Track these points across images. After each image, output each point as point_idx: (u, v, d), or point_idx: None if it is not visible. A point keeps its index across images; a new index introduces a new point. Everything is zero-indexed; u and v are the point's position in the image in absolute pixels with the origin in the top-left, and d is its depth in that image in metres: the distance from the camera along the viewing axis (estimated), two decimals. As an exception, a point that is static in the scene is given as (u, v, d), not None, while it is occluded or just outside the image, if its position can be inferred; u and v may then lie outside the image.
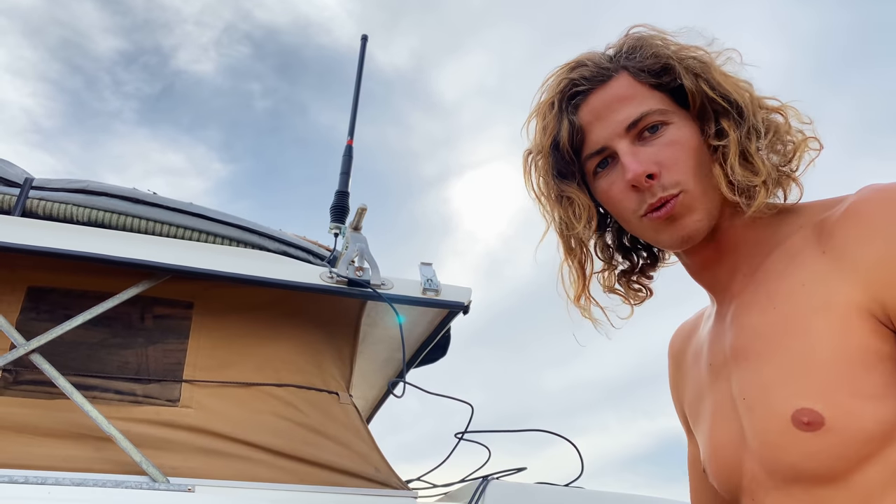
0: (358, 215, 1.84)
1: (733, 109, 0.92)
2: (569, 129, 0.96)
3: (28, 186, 1.90)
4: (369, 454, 1.73)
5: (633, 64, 0.95)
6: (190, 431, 1.60)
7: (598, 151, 0.95)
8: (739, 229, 0.95)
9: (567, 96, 0.97)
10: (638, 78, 0.94)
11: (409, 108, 9.43)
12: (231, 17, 8.50)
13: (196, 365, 1.67)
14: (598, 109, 0.95)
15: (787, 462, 0.82)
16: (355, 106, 2.06)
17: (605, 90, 0.95)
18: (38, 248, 1.56)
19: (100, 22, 7.83)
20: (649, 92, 0.94)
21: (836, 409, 0.77)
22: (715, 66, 0.94)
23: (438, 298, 1.78)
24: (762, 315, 0.88)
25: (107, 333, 1.66)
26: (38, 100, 8.23)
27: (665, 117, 0.93)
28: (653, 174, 0.90)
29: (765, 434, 0.84)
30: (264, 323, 1.77)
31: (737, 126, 0.91)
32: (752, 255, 0.94)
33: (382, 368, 2.31)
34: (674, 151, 0.91)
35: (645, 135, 0.93)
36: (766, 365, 0.85)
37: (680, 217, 0.91)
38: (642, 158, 0.91)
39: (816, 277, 0.82)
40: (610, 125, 0.93)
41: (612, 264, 1.08)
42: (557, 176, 1.01)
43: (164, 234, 1.86)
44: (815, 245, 0.85)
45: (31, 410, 1.52)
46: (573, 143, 0.97)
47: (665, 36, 0.98)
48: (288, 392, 1.70)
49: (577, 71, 0.97)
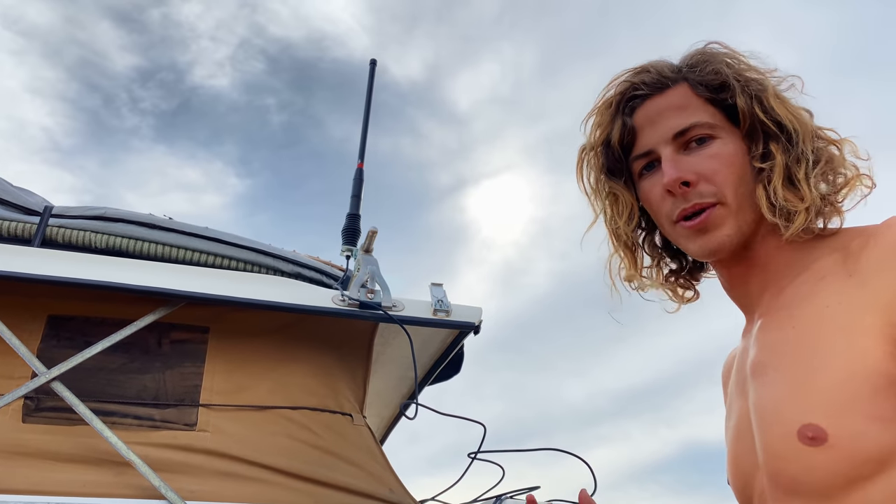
0: (369, 238, 1.86)
1: (783, 134, 0.94)
2: (621, 130, 1.01)
3: (48, 215, 1.95)
4: (383, 475, 1.75)
5: (694, 76, 0.99)
6: (207, 455, 1.63)
7: (645, 154, 1.00)
8: (772, 250, 0.97)
9: (626, 98, 1.02)
10: (696, 90, 0.98)
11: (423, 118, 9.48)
12: (246, 33, 8.61)
13: (212, 389, 1.70)
14: (652, 115, 0.99)
15: (788, 474, 0.83)
16: (365, 129, 2.09)
17: (662, 97, 0.99)
18: (58, 279, 1.60)
19: (117, 40, 7.97)
20: (704, 105, 0.97)
21: (841, 427, 0.78)
22: (772, 90, 0.97)
23: (449, 319, 1.80)
24: (781, 332, 0.90)
25: (125, 359, 1.69)
26: (56, 119, 8.38)
27: (713, 131, 0.96)
28: (689, 182, 0.93)
29: (771, 446, 0.86)
30: (278, 346, 1.80)
31: (785, 151, 0.93)
32: (781, 275, 0.95)
33: (397, 387, 2.33)
34: (715, 164, 0.94)
35: (691, 145, 0.96)
36: (779, 380, 0.87)
37: (711, 229, 0.94)
38: (682, 166, 0.94)
39: (840, 299, 0.84)
40: (659, 131, 0.98)
41: (661, 263, 1.12)
42: (607, 173, 1.06)
43: (181, 258, 1.90)
44: (842, 268, 0.87)
45: (53, 437, 1.56)
46: (623, 143, 1.02)
47: (734, 55, 1.01)
48: (302, 415, 1.73)
49: (640, 76, 1.02)
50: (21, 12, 7.07)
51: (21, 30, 7.22)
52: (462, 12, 8.99)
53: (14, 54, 7.41)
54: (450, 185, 10.30)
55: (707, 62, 0.99)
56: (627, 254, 1.10)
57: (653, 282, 1.11)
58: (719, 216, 0.93)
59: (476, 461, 1.81)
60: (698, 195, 0.94)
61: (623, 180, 1.05)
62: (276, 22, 8.66)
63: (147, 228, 1.96)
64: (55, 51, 7.84)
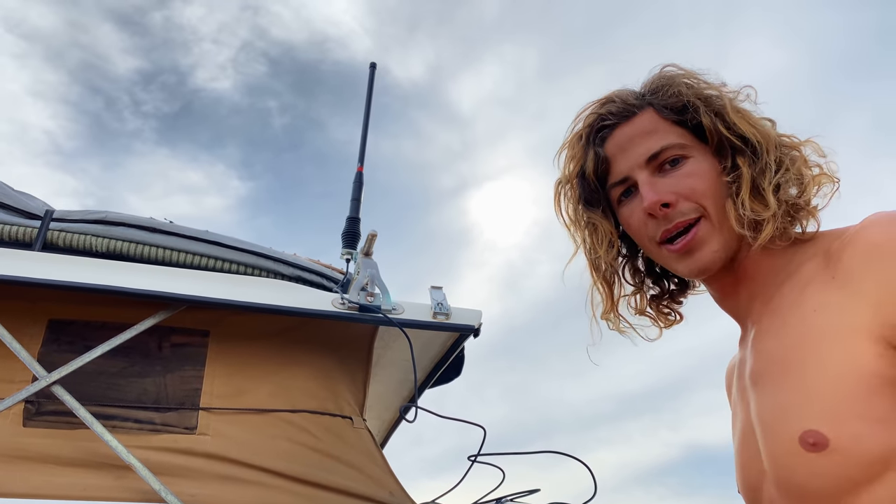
0: (368, 241, 1.87)
1: (748, 147, 0.96)
2: (594, 160, 1.03)
3: (49, 219, 1.96)
4: (383, 478, 1.75)
5: (658, 101, 1.01)
6: (207, 458, 1.63)
7: (621, 181, 1.02)
8: (756, 260, 0.98)
9: (595, 129, 1.04)
10: (662, 114, 1.00)
11: (426, 120, 9.50)
12: (248, 36, 8.63)
13: (212, 393, 1.70)
14: (622, 142, 1.01)
15: (795, 482, 0.84)
16: (365, 133, 2.09)
17: (630, 125, 1.01)
18: (59, 283, 1.61)
19: (119, 43, 8.00)
20: (671, 127, 0.99)
21: (841, 432, 0.79)
22: (731, 105, 0.99)
23: (449, 322, 1.80)
24: (776, 340, 0.90)
25: (125, 363, 1.70)
26: (59, 122, 8.42)
27: (684, 151, 0.98)
28: (669, 203, 0.95)
29: (776, 455, 0.87)
30: (278, 349, 1.80)
31: (751, 163, 0.95)
32: (767, 283, 0.97)
33: (398, 390, 2.33)
34: (691, 182, 0.96)
35: (665, 167, 0.98)
36: (779, 389, 0.87)
37: (697, 249, 0.96)
38: (659, 188, 0.96)
39: (827, 302, 0.85)
40: (632, 157, 0.99)
41: (643, 288, 1.13)
42: (585, 204, 1.08)
43: (182, 262, 1.91)
44: (824, 271, 0.88)
45: (53, 441, 1.57)
46: (598, 173, 1.04)
47: (692, 75, 1.03)
48: (302, 418, 1.73)
49: (606, 107, 1.04)
50: (23, 16, 7.10)
51: (23, 33, 7.25)
52: (463, 14, 9.01)
53: (16, 57, 7.45)
54: (452, 187, 10.32)
55: (667, 86, 1.02)
56: (605, 287, 1.11)
57: (635, 310, 1.12)
58: (705, 233, 0.95)
59: (477, 464, 1.81)
60: (680, 214, 0.95)
61: (601, 209, 1.07)
62: (278, 25, 8.69)
63: (148, 232, 1.96)
64: (57, 54, 7.87)
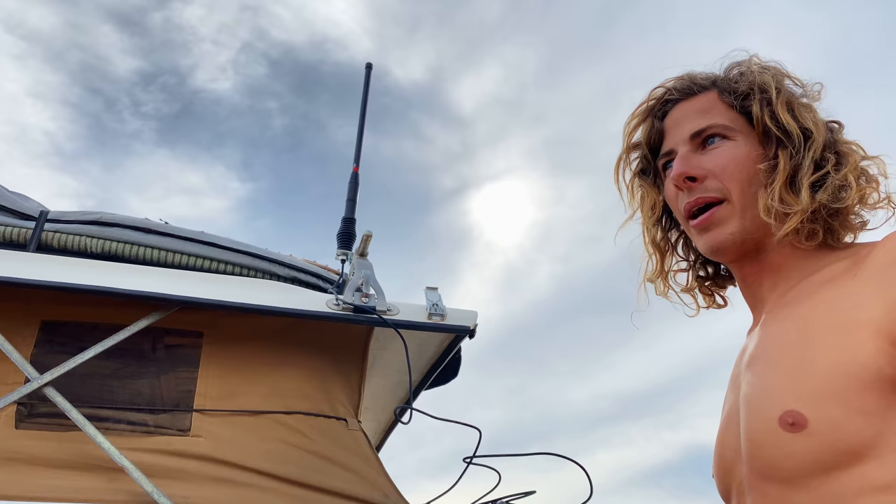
0: (363, 242, 1.86)
1: (791, 142, 0.96)
2: (649, 131, 1.08)
3: (43, 219, 1.95)
4: (378, 480, 1.74)
5: (722, 84, 1.04)
6: (201, 461, 1.62)
7: (666, 153, 1.06)
8: (784, 254, 0.99)
9: (660, 103, 1.09)
10: (722, 97, 1.03)
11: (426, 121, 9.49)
12: (248, 37, 8.63)
13: (206, 394, 1.70)
14: (678, 118, 1.06)
15: (766, 459, 0.85)
16: (360, 133, 2.08)
17: (690, 102, 1.06)
18: (52, 284, 1.60)
19: (119, 43, 8.00)
20: (726, 111, 1.02)
21: (822, 416, 0.79)
22: (785, 98, 0.99)
23: (444, 323, 1.79)
24: (779, 325, 0.92)
25: (118, 365, 1.69)
26: (59, 123, 8.41)
27: (729, 133, 1.00)
28: (695, 177, 0.98)
29: (753, 433, 0.88)
30: (272, 351, 1.79)
31: (790, 156, 0.96)
32: (791, 277, 0.98)
33: (394, 392, 2.32)
34: (724, 162, 0.98)
35: (705, 145, 1.01)
36: (770, 371, 0.89)
37: (714, 227, 0.98)
38: (690, 163, 1.00)
39: (843, 296, 0.85)
40: (680, 132, 1.04)
41: (694, 266, 1.15)
42: (639, 173, 1.14)
43: (177, 262, 1.90)
44: (848, 271, 0.89)
45: (46, 443, 1.56)
46: (651, 144, 1.09)
47: (764, 65, 1.05)
48: (296, 419, 1.72)
49: (675, 83, 1.09)
50: (23, 16, 7.10)
51: (23, 34, 7.25)
52: (464, 15, 9.00)
53: (16, 58, 7.45)
54: (452, 188, 10.31)
55: (739, 72, 1.04)
56: (656, 253, 1.14)
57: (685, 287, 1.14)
58: (722, 215, 0.97)
59: (474, 466, 1.80)
60: (703, 189, 0.98)
61: (653, 180, 1.12)
62: (278, 25, 8.69)
63: (143, 233, 1.96)
64: (57, 55, 7.87)
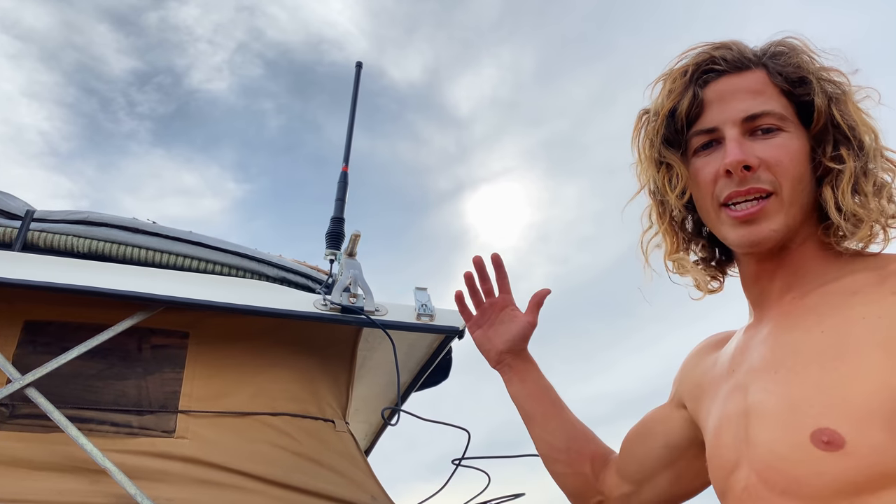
0: (352, 242, 1.84)
1: (858, 142, 0.93)
2: (690, 101, 0.98)
3: (29, 219, 1.93)
4: (365, 482, 1.72)
5: (774, 65, 0.97)
6: (185, 462, 1.60)
7: (708, 130, 0.97)
8: (807, 253, 0.96)
9: (702, 70, 0.99)
10: (773, 79, 0.96)
11: (422, 122, 9.48)
12: (243, 37, 8.61)
13: (191, 395, 1.68)
14: (725, 92, 0.97)
15: (791, 475, 0.81)
16: (350, 132, 2.07)
17: (738, 77, 0.97)
18: (35, 283, 1.58)
19: (114, 43, 7.98)
20: (778, 96, 0.96)
21: (861, 437, 0.76)
22: (851, 96, 0.95)
23: (433, 324, 1.77)
24: (806, 334, 0.88)
25: (102, 365, 1.67)
26: (54, 123, 8.39)
27: (783, 123, 0.94)
28: (751, 166, 0.92)
29: (773, 444, 0.84)
30: (259, 351, 1.77)
31: (856, 157, 0.92)
32: (809, 279, 0.94)
33: (384, 393, 2.30)
34: (780, 154, 0.93)
35: (758, 133, 0.94)
36: (796, 381, 0.85)
37: (760, 221, 0.92)
38: (747, 150, 0.93)
39: (880, 314, 0.82)
40: (729, 110, 0.95)
41: (690, 247, 1.10)
42: (664, 141, 1.02)
43: (164, 263, 1.88)
44: (879, 286, 0.85)
45: (28, 444, 1.54)
46: (689, 115, 0.99)
47: (815, 53, 0.99)
48: (283, 421, 1.70)
49: (720, 51, 0.99)
50: (18, 16, 7.08)
51: (18, 33, 7.23)
52: (461, 16, 8.99)
53: (11, 58, 7.43)
54: (448, 189, 10.31)
55: (788, 54, 0.98)
56: (671, 229, 1.07)
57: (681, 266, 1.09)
58: (772, 208, 0.92)
59: (465, 468, 1.78)
60: (756, 180, 0.92)
61: (680, 153, 1.02)
62: (274, 26, 8.67)
63: (130, 233, 1.94)
64: (52, 55, 7.85)
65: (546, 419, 1.28)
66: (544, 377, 1.32)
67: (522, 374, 1.30)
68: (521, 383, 1.30)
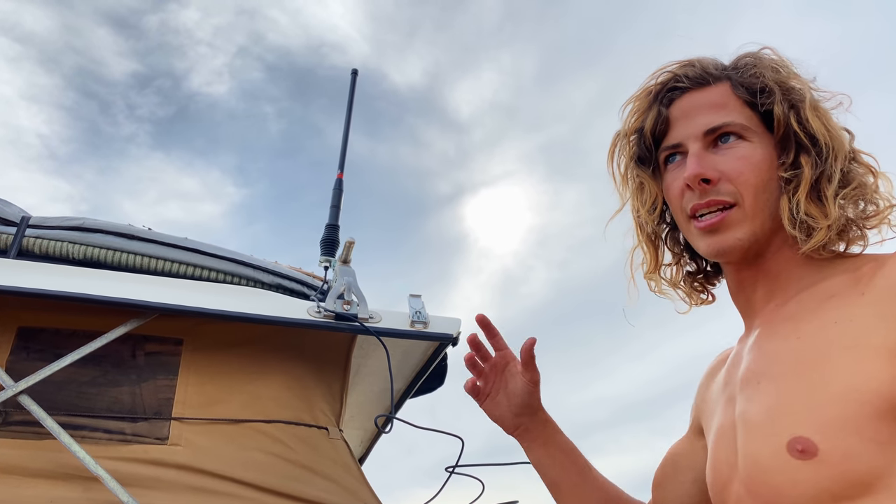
0: (346, 249, 1.84)
1: (815, 148, 0.93)
2: (655, 119, 1.01)
3: (24, 225, 1.93)
4: (359, 490, 1.72)
5: (738, 77, 0.98)
6: (178, 470, 1.60)
7: (673, 146, 1.00)
8: (785, 261, 0.96)
9: (666, 89, 1.02)
10: (736, 91, 0.98)
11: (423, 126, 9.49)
12: (244, 41, 8.63)
13: (185, 402, 1.68)
14: (687, 109, 0.99)
15: (770, 484, 0.81)
16: (345, 140, 2.07)
17: (701, 93, 0.99)
18: (28, 290, 1.58)
19: (114, 46, 7.99)
20: (741, 107, 0.97)
21: (834, 444, 0.76)
22: (811, 102, 0.95)
23: (427, 331, 1.78)
24: (784, 342, 0.88)
25: (96, 372, 1.67)
26: (53, 127, 8.41)
27: (745, 133, 0.96)
28: (710, 179, 0.93)
29: (756, 455, 0.84)
30: (253, 358, 1.77)
31: (814, 165, 0.92)
32: (788, 287, 0.95)
33: (379, 400, 2.30)
34: (740, 165, 0.94)
35: (719, 144, 0.96)
36: (773, 391, 0.85)
37: (723, 230, 0.94)
38: (705, 163, 0.94)
39: (851, 317, 0.82)
40: (691, 125, 0.98)
41: (681, 261, 1.11)
42: (637, 161, 1.06)
43: (160, 269, 1.88)
44: (853, 288, 0.85)
45: (20, 451, 1.54)
46: (655, 133, 1.02)
47: (783, 63, 1.00)
48: (276, 428, 1.70)
49: (684, 69, 1.02)
50: (18, 19, 7.10)
51: (17, 36, 7.25)
52: (461, 21, 9.01)
53: (10, 61, 7.44)
54: (448, 193, 10.31)
55: (752, 65, 0.99)
56: (650, 247, 1.09)
57: (669, 281, 1.10)
58: (733, 219, 0.93)
59: (459, 476, 1.78)
60: (716, 192, 0.93)
61: (651, 170, 1.05)
62: (275, 29, 8.69)
63: (125, 239, 1.94)
64: (51, 58, 7.87)
65: (574, 489, 1.19)
66: (567, 439, 1.22)
67: (542, 438, 1.20)
68: (543, 448, 1.20)
